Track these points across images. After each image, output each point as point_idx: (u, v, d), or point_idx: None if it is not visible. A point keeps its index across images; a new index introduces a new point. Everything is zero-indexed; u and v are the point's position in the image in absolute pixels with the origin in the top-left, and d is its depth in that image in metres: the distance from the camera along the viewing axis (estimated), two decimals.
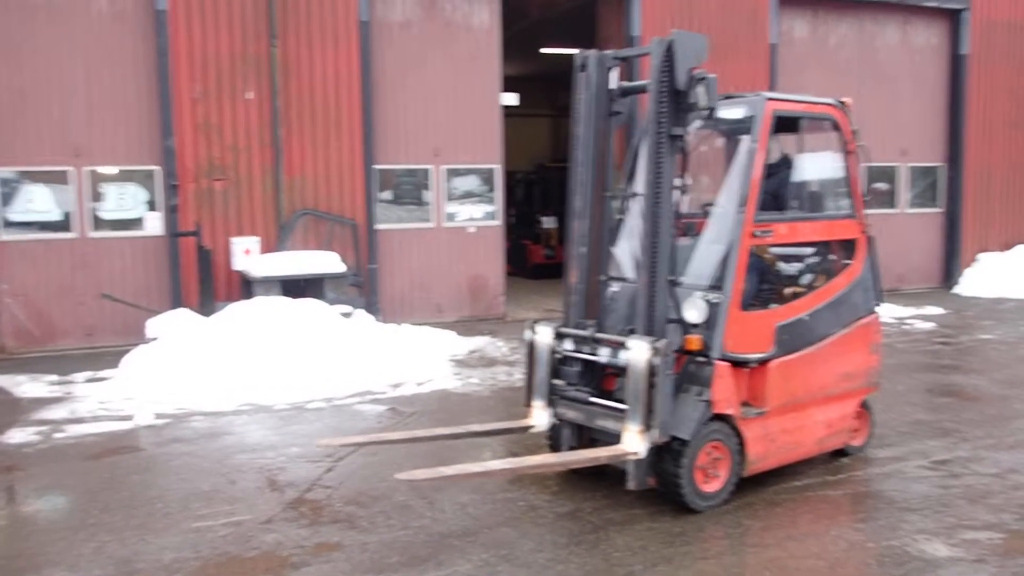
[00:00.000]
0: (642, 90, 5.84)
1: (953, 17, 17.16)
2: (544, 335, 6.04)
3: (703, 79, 5.29)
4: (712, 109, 5.35)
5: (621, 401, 5.54)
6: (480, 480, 6.22)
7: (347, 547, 5.16)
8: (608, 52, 5.99)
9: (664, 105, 5.41)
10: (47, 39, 11.48)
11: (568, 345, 5.95)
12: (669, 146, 5.46)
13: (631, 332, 5.61)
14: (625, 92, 6.09)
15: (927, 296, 16.40)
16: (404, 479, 4.90)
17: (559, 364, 6.04)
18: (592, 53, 5.96)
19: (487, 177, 14.07)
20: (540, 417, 6.10)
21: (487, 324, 13.57)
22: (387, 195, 13.53)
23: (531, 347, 6.13)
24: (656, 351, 5.28)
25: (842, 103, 6.42)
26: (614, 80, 6.01)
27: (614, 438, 5.52)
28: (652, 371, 5.29)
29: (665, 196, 5.46)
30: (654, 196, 5.47)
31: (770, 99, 5.89)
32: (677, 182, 5.64)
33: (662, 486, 5.55)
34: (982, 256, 17.47)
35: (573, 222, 6.02)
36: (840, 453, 6.66)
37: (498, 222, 14.19)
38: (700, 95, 5.30)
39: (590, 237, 5.99)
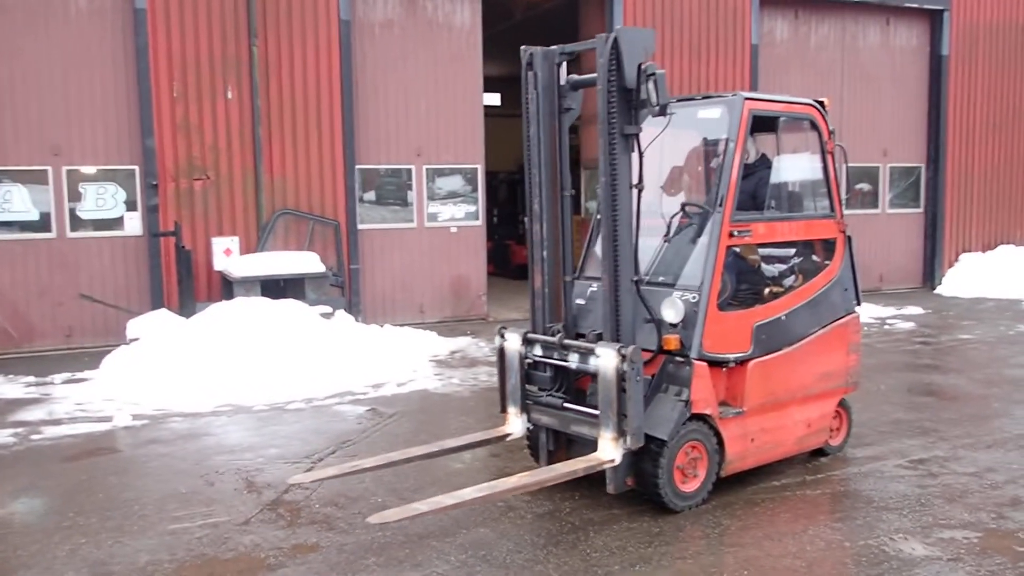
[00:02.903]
0: (592, 83, 5.59)
1: (934, 18, 17.28)
2: (513, 341, 5.96)
3: (652, 75, 5.11)
4: (663, 106, 5.16)
5: (595, 405, 5.49)
6: (460, 481, 6.21)
7: (324, 548, 5.13)
8: (554, 48, 5.76)
9: (614, 104, 5.24)
10: (25, 38, 11.38)
11: (537, 351, 5.88)
12: (623, 145, 5.30)
13: (600, 336, 5.56)
14: (576, 86, 5.85)
15: (908, 296, 16.51)
16: (376, 522, 4.71)
17: (531, 369, 5.97)
18: (538, 49, 5.73)
19: (469, 177, 14.06)
20: (516, 424, 6.05)
21: (469, 324, 13.56)
22: (370, 195, 13.50)
23: (501, 353, 6.06)
24: (624, 358, 5.20)
25: (820, 103, 6.43)
26: (563, 75, 5.80)
27: (591, 442, 5.49)
28: (622, 377, 5.22)
29: (622, 197, 5.32)
30: (611, 198, 5.32)
31: (748, 99, 5.88)
32: (636, 180, 5.47)
33: (641, 486, 5.54)
34: (964, 256, 17.61)
35: (533, 225, 5.85)
36: (819, 452, 6.67)
37: (480, 222, 14.18)
38: (650, 92, 5.12)
39: (551, 239, 5.83)
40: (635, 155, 5.38)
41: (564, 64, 5.79)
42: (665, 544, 5.14)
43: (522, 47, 5.80)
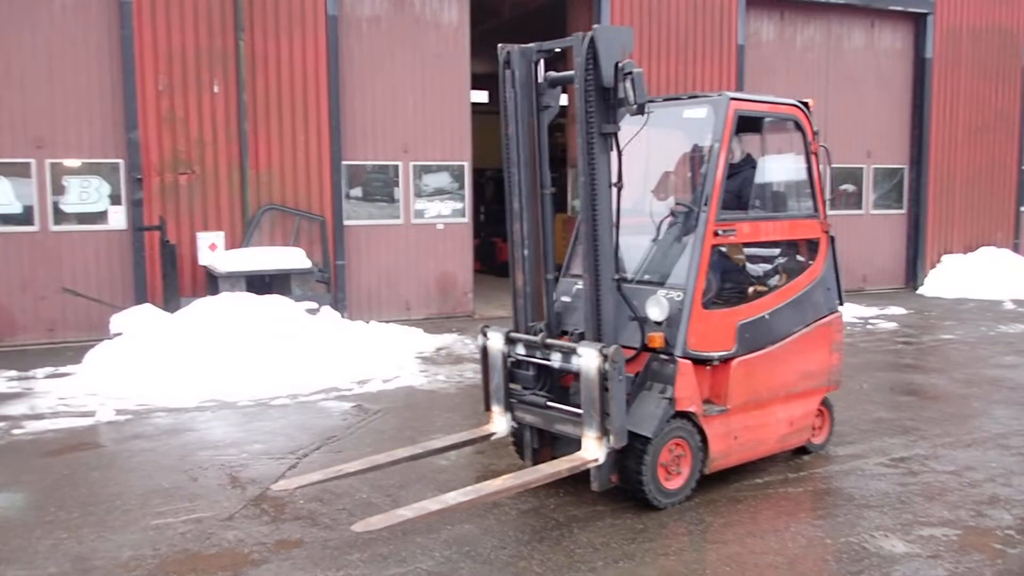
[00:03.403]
0: (570, 81, 5.56)
1: (918, 21, 17.40)
2: (495, 340, 5.95)
3: (629, 74, 5.07)
4: (642, 105, 5.12)
5: (578, 404, 5.49)
6: (445, 478, 6.23)
7: (308, 544, 5.13)
8: (531, 45, 5.70)
9: (592, 104, 5.22)
10: (9, 30, 11.29)
11: (520, 350, 5.87)
12: (601, 144, 5.28)
13: (582, 336, 5.57)
14: (554, 83, 5.78)
15: (891, 296, 16.63)
16: (361, 531, 4.63)
17: (514, 368, 5.97)
18: (515, 47, 5.68)
19: (456, 174, 14.05)
20: (500, 423, 6.04)
21: (455, 321, 13.56)
22: (357, 192, 13.48)
23: (484, 353, 6.05)
24: (606, 358, 5.19)
25: (804, 103, 6.48)
26: (541, 73, 5.74)
27: (575, 439, 5.51)
28: (604, 376, 5.21)
29: (602, 196, 5.31)
30: (590, 197, 5.31)
31: (733, 99, 5.91)
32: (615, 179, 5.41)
33: (625, 483, 5.56)
34: (946, 258, 17.75)
35: (513, 224, 5.83)
36: (802, 451, 6.72)
37: (466, 219, 14.18)
38: (628, 90, 5.08)
39: (532, 238, 5.82)
40: (614, 154, 5.37)
41: (542, 62, 5.74)
42: (648, 540, 5.17)
43: (499, 45, 5.74)
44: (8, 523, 5.54)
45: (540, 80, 5.74)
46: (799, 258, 6.59)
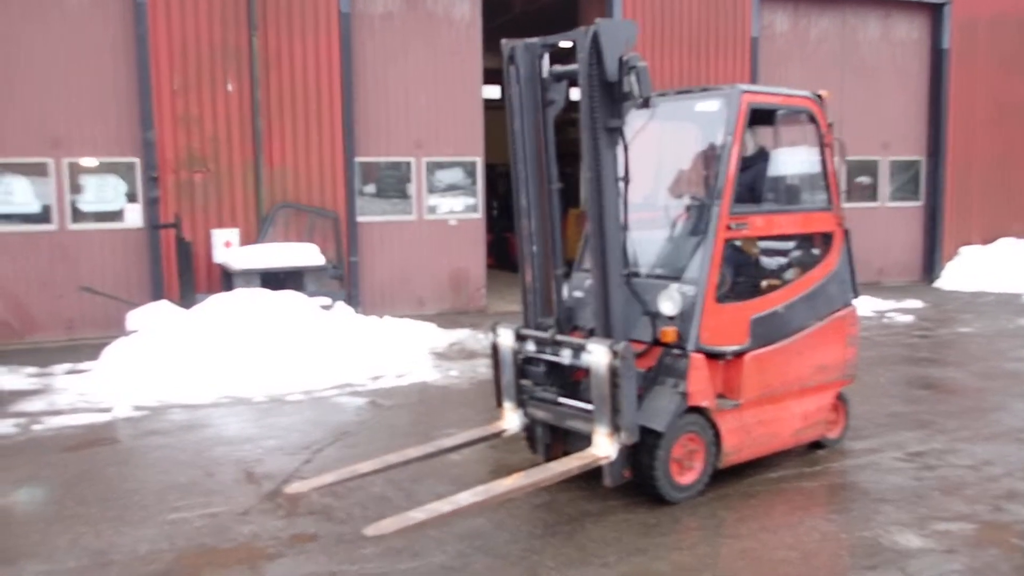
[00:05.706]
0: (574, 75, 5.48)
1: (934, 11, 17.26)
2: (506, 337, 5.95)
3: (633, 67, 5.04)
4: (647, 99, 5.09)
5: (589, 400, 5.48)
6: (457, 472, 6.25)
7: (323, 538, 5.16)
8: (535, 40, 5.65)
9: (596, 98, 5.16)
10: (25, 29, 11.38)
11: (530, 346, 5.86)
12: (607, 139, 5.25)
13: (593, 332, 5.55)
14: (559, 77, 5.67)
15: (908, 289, 16.52)
16: (373, 534, 4.54)
17: (525, 364, 5.96)
18: (519, 42, 5.63)
19: (469, 170, 14.06)
20: (512, 420, 6.05)
21: (468, 317, 13.58)
22: (370, 188, 13.52)
23: (494, 349, 6.05)
24: (616, 354, 5.18)
25: (818, 96, 6.43)
26: (545, 67, 5.68)
27: (587, 435, 5.50)
28: (614, 373, 5.21)
29: (608, 191, 5.28)
30: (597, 193, 5.28)
31: (745, 91, 5.88)
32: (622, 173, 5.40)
33: (638, 477, 5.56)
34: (964, 250, 17.60)
35: (520, 221, 5.80)
36: (816, 445, 6.69)
37: (479, 215, 14.19)
38: (632, 84, 5.04)
39: (541, 234, 5.78)
40: (621, 148, 5.35)
41: (546, 56, 5.68)
42: (661, 535, 5.16)
43: (503, 40, 5.69)
44: (29, 517, 5.61)
45: (545, 75, 5.68)
46: (813, 251, 6.56)
